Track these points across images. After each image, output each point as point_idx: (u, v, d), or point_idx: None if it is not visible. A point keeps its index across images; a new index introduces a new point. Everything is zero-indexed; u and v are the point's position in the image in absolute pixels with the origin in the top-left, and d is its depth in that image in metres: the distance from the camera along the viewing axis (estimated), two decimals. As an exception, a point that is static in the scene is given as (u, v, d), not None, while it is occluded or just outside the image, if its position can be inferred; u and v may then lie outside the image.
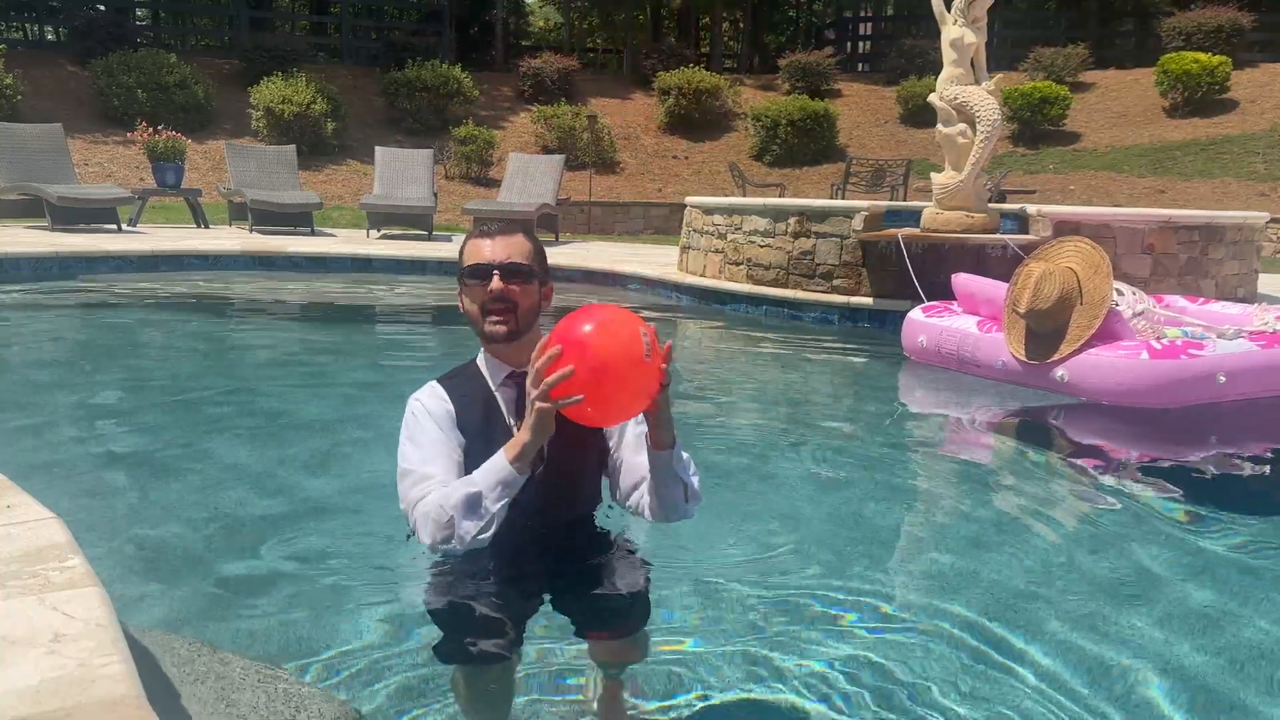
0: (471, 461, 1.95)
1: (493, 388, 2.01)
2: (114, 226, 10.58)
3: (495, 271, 1.92)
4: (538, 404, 1.73)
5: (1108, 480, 3.46)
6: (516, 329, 1.95)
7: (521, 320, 1.95)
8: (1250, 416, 4.53)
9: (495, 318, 1.94)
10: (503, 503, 1.82)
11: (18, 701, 1.10)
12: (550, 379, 1.69)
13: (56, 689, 1.13)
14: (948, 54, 6.47)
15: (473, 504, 1.82)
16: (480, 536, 1.81)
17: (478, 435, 1.98)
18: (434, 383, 2.06)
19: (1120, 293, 5.09)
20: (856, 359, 6.06)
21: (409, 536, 1.94)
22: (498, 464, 1.83)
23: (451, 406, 1.99)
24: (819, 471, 3.35)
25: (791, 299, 7.22)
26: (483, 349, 2.04)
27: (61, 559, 1.50)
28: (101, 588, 1.41)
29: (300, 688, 1.69)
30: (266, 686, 1.66)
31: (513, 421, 1.99)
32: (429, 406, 2.00)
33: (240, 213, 11.76)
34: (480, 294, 1.94)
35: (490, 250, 1.95)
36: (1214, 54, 17.83)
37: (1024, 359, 4.78)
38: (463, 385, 2.03)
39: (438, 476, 1.90)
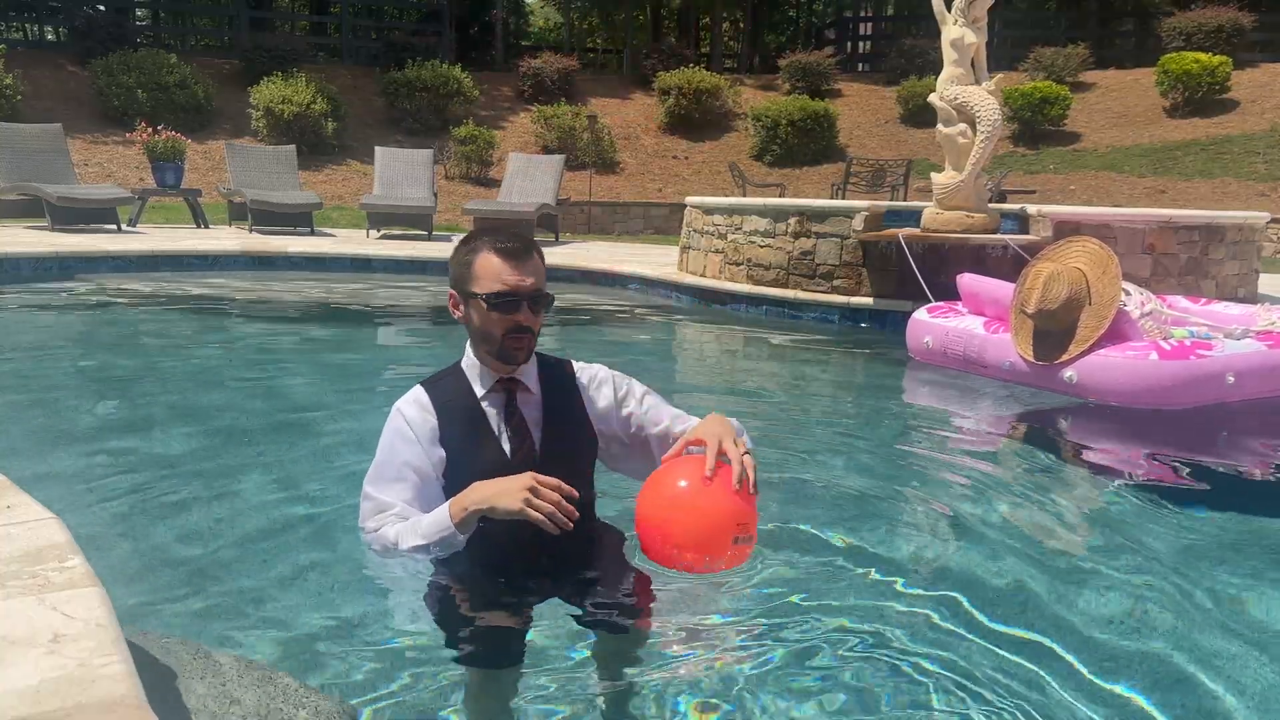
0: (453, 471, 1.96)
1: (478, 395, 1.99)
2: (114, 226, 10.59)
3: (527, 303, 1.89)
4: (528, 511, 1.76)
5: (1118, 482, 3.45)
6: (533, 350, 1.98)
7: (536, 342, 1.97)
8: (1258, 416, 4.52)
9: (517, 346, 1.92)
10: (447, 553, 1.90)
11: (18, 701, 1.10)
12: (559, 517, 1.76)
13: (56, 689, 1.13)
14: (948, 54, 6.47)
15: (417, 552, 1.91)
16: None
17: (462, 447, 1.97)
18: (419, 389, 2.03)
19: (1128, 293, 5.08)
20: (857, 360, 6.06)
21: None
22: (441, 523, 1.87)
23: (435, 419, 1.97)
24: (822, 473, 3.34)
25: (791, 299, 7.22)
26: (470, 353, 2.01)
27: (61, 559, 1.50)
28: (101, 588, 1.41)
29: (299, 688, 1.69)
30: (266, 687, 1.66)
31: (501, 430, 1.98)
32: (410, 419, 1.98)
33: (240, 213, 11.76)
34: (505, 321, 1.90)
35: (518, 276, 1.88)
36: (1214, 54, 17.84)
37: (1032, 360, 4.77)
38: (448, 391, 2.01)
39: (396, 508, 1.96)
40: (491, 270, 1.88)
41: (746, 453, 1.85)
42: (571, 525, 1.78)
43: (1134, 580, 2.41)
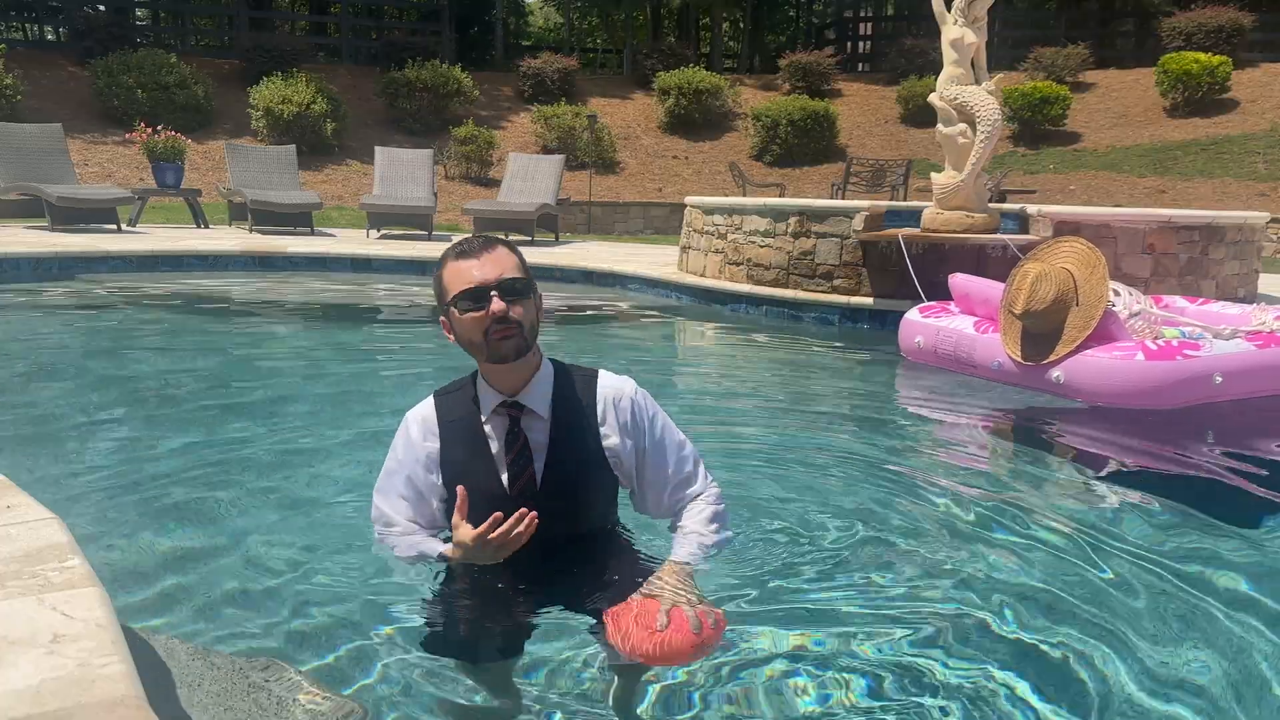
0: (451, 489, 1.92)
1: (482, 419, 1.92)
2: (114, 227, 10.59)
3: (493, 292, 1.80)
4: (489, 557, 1.77)
5: (1103, 482, 3.45)
6: (525, 344, 1.85)
7: (529, 335, 1.86)
8: (1247, 416, 4.52)
9: (501, 336, 1.82)
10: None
11: (18, 701, 1.10)
12: (511, 546, 1.75)
13: (56, 689, 1.13)
14: (948, 54, 6.47)
15: (415, 562, 1.96)
16: None
17: (462, 471, 1.92)
18: (430, 401, 1.99)
19: (1117, 293, 5.09)
20: (856, 360, 6.06)
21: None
22: (431, 556, 1.93)
23: (436, 443, 1.94)
24: (816, 473, 3.35)
25: (791, 299, 7.22)
26: (480, 369, 1.94)
27: (61, 559, 1.50)
28: (101, 588, 1.41)
29: (300, 689, 1.69)
30: (266, 687, 1.66)
31: (501, 458, 1.91)
32: (413, 439, 1.96)
33: (240, 213, 11.77)
34: (480, 320, 1.81)
35: (479, 270, 1.81)
36: (1214, 54, 17.85)
37: (1020, 360, 4.77)
38: (456, 408, 1.96)
39: (399, 525, 2.00)
40: (455, 274, 1.84)
41: (701, 601, 1.77)
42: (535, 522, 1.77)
43: (1120, 580, 2.41)
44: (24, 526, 1.64)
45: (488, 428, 1.92)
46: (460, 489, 1.79)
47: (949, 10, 6.49)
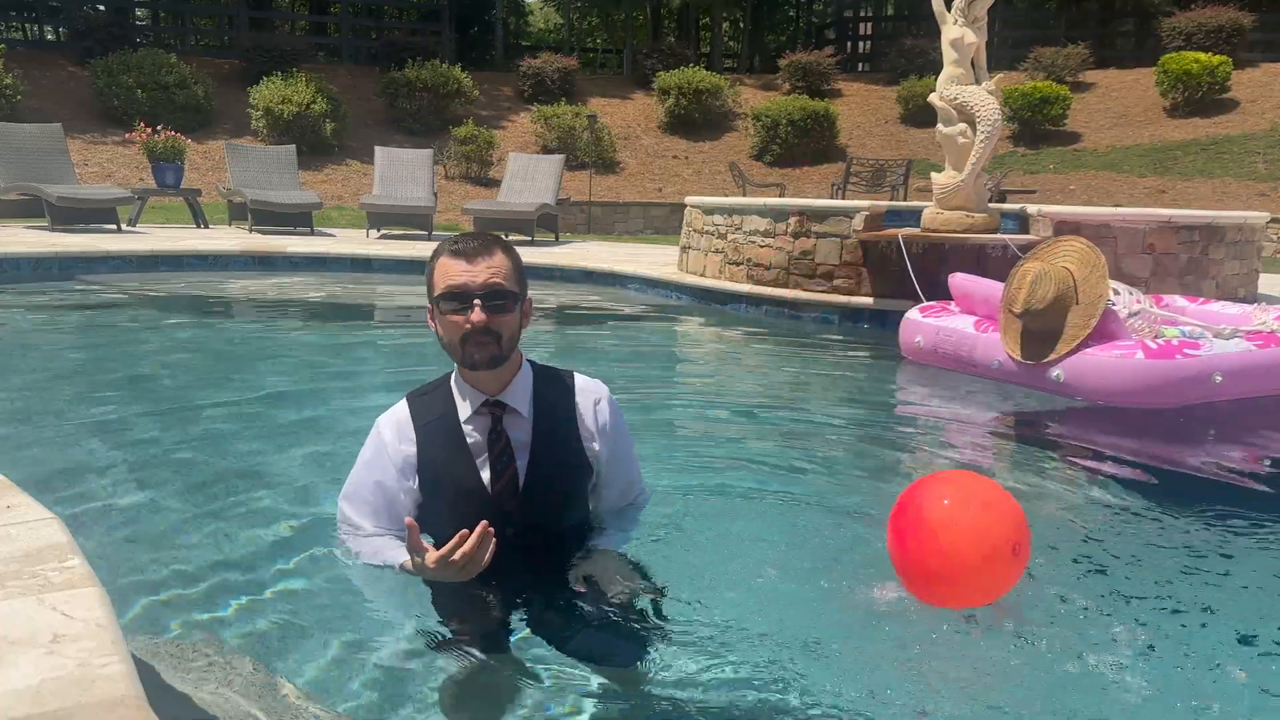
0: (432, 496, 1.92)
1: (461, 419, 1.90)
2: (114, 227, 10.59)
3: (477, 300, 1.77)
4: (452, 577, 1.73)
5: (1102, 481, 3.45)
6: (500, 355, 1.84)
7: (505, 347, 1.84)
8: (1247, 416, 4.52)
9: (477, 346, 1.81)
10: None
11: (17, 701, 1.10)
12: (475, 567, 1.71)
13: (56, 689, 1.13)
14: (948, 54, 6.47)
15: (384, 567, 1.95)
16: None
17: (442, 474, 1.91)
18: (403, 404, 1.97)
19: (1116, 292, 5.09)
20: (856, 360, 6.06)
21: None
22: (391, 562, 1.91)
23: (413, 448, 1.91)
24: (816, 472, 3.35)
25: (791, 299, 7.22)
26: (457, 368, 1.93)
27: (61, 559, 1.50)
28: (101, 588, 1.41)
29: (297, 690, 1.69)
30: (265, 688, 1.66)
31: (484, 457, 1.89)
32: (388, 445, 1.93)
33: (240, 213, 11.77)
34: (459, 324, 1.79)
35: (468, 272, 1.78)
36: (1214, 54, 17.85)
37: (1020, 359, 4.77)
38: (432, 408, 1.94)
39: (365, 529, 1.99)
40: (445, 271, 1.81)
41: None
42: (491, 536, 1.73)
43: (1119, 579, 2.41)
44: (24, 526, 1.64)
45: (468, 427, 1.91)
46: (409, 521, 1.72)
47: (949, 10, 6.49)
